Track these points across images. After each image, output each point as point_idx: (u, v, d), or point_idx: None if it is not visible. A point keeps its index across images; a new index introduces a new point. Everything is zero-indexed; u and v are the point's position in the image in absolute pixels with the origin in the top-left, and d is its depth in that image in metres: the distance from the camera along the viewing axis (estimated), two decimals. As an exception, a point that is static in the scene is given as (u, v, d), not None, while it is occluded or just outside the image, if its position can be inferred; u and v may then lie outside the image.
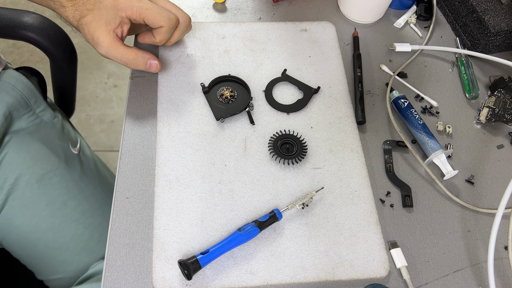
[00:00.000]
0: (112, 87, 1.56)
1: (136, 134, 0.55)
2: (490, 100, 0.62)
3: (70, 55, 0.70)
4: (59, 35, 0.67)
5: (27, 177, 0.64)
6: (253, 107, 0.57)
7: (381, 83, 0.63)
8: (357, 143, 0.56)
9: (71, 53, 0.70)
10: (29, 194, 0.64)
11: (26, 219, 0.64)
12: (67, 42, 0.68)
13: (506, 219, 0.52)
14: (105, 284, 0.46)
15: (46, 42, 0.65)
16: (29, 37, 0.64)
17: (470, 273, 0.50)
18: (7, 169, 0.64)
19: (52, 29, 0.66)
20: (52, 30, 0.66)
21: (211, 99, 0.57)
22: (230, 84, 0.59)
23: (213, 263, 0.47)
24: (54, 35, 0.66)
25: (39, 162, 0.65)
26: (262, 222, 0.48)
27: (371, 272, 0.48)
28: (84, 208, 0.67)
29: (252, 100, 0.58)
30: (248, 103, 0.57)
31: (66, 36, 0.68)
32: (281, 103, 0.58)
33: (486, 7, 0.64)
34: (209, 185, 0.52)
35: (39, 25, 0.65)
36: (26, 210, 0.64)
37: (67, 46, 0.68)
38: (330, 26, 0.66)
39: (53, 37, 0.66)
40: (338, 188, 0.53)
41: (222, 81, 0.59)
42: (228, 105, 0.57)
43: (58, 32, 0.67)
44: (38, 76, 0.73)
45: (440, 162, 0.56)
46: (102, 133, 1.49)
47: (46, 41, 0.65)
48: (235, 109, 0.56)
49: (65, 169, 0.67)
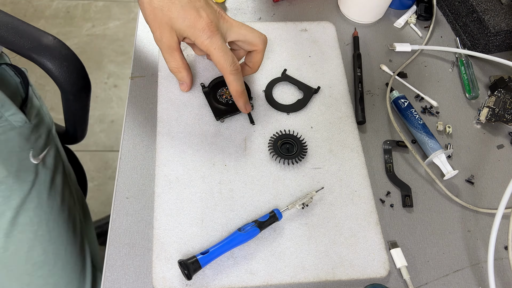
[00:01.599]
0: (112, 87, 1.57)
1: (136, 134, 0.55)
2: (490, 100, 0.62)
3: (84, 89, 0.63)
4: (75, 67, 0.60)
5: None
6: (253, 107, 0.57)
7: (381, 83, 0.63)
8: (357, 143, 0.56)
9: (85, 88, 0.63)
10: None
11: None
12: (82, 75, 0.61)
13: (506, 219, 0.52)
14: (105, 284, 0.46)
15: (61, 74, 0.59)
16: (44, 65, 0.58)
17: (470, 273, 0.50)
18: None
19: (69, 59, 0.59)
20: (69, 61, 0.59)
21: (211, 99, 0.57)
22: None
23: (213, 263, 0.47)
24: (70, 66, 0.59)
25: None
26: (262, 222, 0.48)
27: (371, 272, 0.48)
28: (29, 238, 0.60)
29: (252, 100, 0.58)
30: None
31: (82, 68, 0.61)
32: (281, 103, 0.58)
33: (486, 7, 0.64)
34: (209, 185, 0.52)
35: (57, 53, 0.58)
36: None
37: (81, 80, 0.61)
38: (330, 26, 0.66)
39: (69, 70, 0.59)
40: (338, 188, 0.53)
41: (222, 81, 0.59)
42: (228, 105, 0.57)
43: (75, 63, 0.60)
44: (21, 76, 0.68)
45: (440, 162, 0.56)
46: (102, 133, 1.49)
47: (60, 73, 0.59)
48: (235, 109, 0.56)
49: (14, 182, 0.60)
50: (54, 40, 0.58)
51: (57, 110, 1.46)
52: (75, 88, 0.61)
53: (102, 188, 1.38)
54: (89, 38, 1.67)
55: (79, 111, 0.67)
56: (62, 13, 1.75)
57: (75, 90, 0.61)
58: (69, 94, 0.61)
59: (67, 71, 0.59)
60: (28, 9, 1.73)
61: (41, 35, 0.58)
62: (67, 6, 1.77)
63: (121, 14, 1.75)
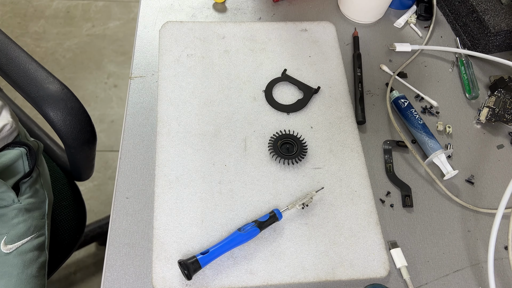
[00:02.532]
0: (112, 87, 1.56)
1: (136, 134, 0.55)
2: (490, 100, 0.62)
3: (86, 142, 0.58)
4: (79, 121, 0.55)
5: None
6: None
7: (381, 83, 0.63)
8: (357, 143, 0.56)
9: (88, 141, 0.58)
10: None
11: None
12: (86, 130, 0.57)
13: (506, 219, 0.52)
14: (105, 284, 0.46)
15: (63, 127, 0.54)
16: (47, 116, 0.54)
17: (470, 273, 0.50)
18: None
19: (74, 113, 0.54)
20: (73, 115, 0.54)
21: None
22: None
23: (213, 263, 0.47)
24: (74, 121, 0.54)
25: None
26: (262, 222, 0.48)
27: (371, 272, 0.48)
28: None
29: (252, 99, 0.58)
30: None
31: (87, 121, 0.56)
32: (281, 103, 0.58)
33: (486, 7, 0.64)
34: (209, 185, 0.52)
35: (62, 106, 0.53)
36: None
37: (84, 134, 0.57)
38: (330, 26, 0.66)
39: (71, 124, 0.54)
40: (338, 188, 0.53)
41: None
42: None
43: (80, 117, 0.55)
44: (27, 147, 0.63)
45: (440, 162, 0.56)
46: (102, 133, 1.49)
47: (63, 126, 0.54)
48: None
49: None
50: (63, 91, 0.54)
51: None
52: (76, 143, 0.57)
53: (102, 188, 1.38)
54: (89, 38, 1.67)
55: (82, 160, 0.64)
56: (62, 13, 1.75)
57: (76, 145, 0.57)
58: (71, 148, 0.58)
59: (70, 125, 0.54)
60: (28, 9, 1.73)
61: (50, 82, 0.54)
62: (67, 6, 1.77)
63: (121, 14, 1.75)
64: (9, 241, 0.57)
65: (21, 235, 0.58)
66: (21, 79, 0.53)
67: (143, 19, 0.65)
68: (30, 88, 0.52)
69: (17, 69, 0.53)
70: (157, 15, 0.66)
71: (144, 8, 0.67)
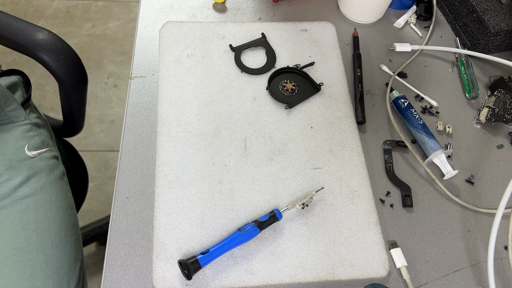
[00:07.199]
0: (112, 87, 1.57)
1: (136, 134, 0.55)
2: (490, 100, 0.62)
3: (81, 81, 0.65)
4: (71, 59, 0.62)
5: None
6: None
7: (381, 83, 0.63)
8: (357, 143, 0.56)
9: (82, 79, 0.65)
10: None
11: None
12: (79, 67, 0.64)
13: (506, 219, 0.52)
14: (105, 284, 0.46)
15: (58, 67, 0.61)
16: (41, 59, 0.60)
17: (470, 273, 0.50)
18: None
19: (65, 52, 0.61)
20: (65, 54, 0.61)
21: (274, 91, 0.59)
22: (290, 76, 0.61)
23: (213, 263, 0.47)
24: (67, 59, 0.61)
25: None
26: (262, 222, 0.48)
27: (371, 272, 0.48)
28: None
29: (253, 99, 0.58)
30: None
31: (78, 60, 0.63)
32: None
33: (486, 7, 0.64)
34: (209, 185, 0.52)
35: (53, 47, 0.60)
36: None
37: (78, 72, 0.64)
38: (330, 26, 0.66)
39: (65, 62, 0.61)
40: (338, 188, 0.53)
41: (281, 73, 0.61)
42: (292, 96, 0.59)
43: (71, 56, 0.62)
44: (23, 75, 0.71)
45: (440, 162, 0.56)
46: (102, 133, 1.49)
47: (58, 66, 0.60)
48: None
49: (5, 171, 0.61)
50: (49, 34, 0.60)
51: (57, 110, 1.46)
52: (73, 80, 0.63)
53: (102, 188, 1.38)
54: (89, 38, 1.67)
55: (77, 102, 0.70)
56: (62, 13, 1.75)
57: (73, 82, 0.63)
58: (68, 86, 0.63)
59: (64, 63, 0.61)
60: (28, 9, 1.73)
61: (36, 29, 0.59)
62: (67, 6, 1.77)
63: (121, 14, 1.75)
64: (31, 149, 0.64)
65: (38, 146, 0.65)
66: (9, 33, 0.59)
67: (143, 19, 0.65)
68: (18, 38, 0.58)
69: (2, 26, 0.59)
70: (157, 15, 0.66)
71: (144, 8, 0.67)
